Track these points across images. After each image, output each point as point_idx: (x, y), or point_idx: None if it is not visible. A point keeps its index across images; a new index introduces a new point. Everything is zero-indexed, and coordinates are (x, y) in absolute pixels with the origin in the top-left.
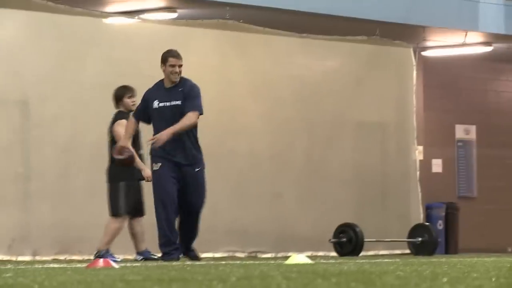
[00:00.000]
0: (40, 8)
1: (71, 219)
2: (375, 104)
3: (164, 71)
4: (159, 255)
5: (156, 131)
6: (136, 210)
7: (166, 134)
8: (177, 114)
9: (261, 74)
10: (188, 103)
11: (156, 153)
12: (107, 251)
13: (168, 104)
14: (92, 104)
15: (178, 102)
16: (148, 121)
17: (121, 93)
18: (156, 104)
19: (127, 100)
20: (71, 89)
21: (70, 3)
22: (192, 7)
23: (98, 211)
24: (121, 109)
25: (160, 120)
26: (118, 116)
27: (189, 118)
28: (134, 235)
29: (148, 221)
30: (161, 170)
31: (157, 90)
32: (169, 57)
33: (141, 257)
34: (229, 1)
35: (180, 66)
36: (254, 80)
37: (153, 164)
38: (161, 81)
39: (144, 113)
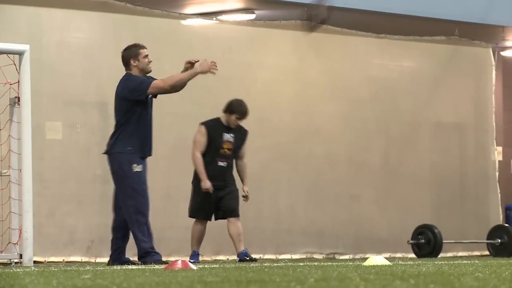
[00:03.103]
0: (118, 10)
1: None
2: (453, 105)
3: (136, 65)
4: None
5: (143, 126)
6: (205, 212)
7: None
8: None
9: (339, 75)
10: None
11: (134, 151)
12: (194, 252)
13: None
14: (169, 105)
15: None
16: None
17: (231, 109)
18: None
19: (232, 118)
20: None
21: (149, 5)
22: (270, 8)
23: (174, 212)
24: (220, 117)
25: (146, 114)
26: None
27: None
28: (230, 237)
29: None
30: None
31: None
32: (140, 49)
33: (238, 259)
34: (307, 2)
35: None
36: (332, 81)
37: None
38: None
39: None
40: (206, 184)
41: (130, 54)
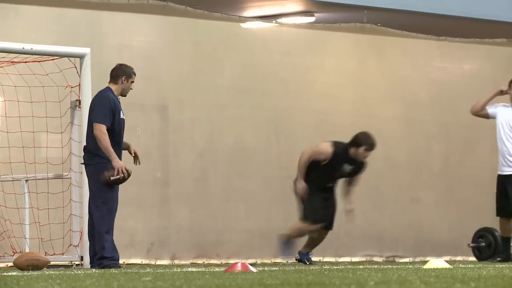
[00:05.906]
0: (178, 13)
1: (209, 223)
2: None
3: (122, 83)
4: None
5: (118, 143)
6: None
7: None
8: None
9: (399, 78)
10: None
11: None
12: (305, 253)
13: (124, 117)
14: (229, 108)
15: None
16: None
17: (358, 142)
18: (122, 115)
19: (360, 151)
20: (209, 93)
21: (208, 8)
22: (329, 11)
23: (235, 215)
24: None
25: (120, 132)
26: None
27: None
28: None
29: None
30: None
31: (117, 101)
32: (133, 73)
33: (298, 256)
34: (367, 4)
35: None
36: (392, 84)
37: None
38: (111, 91)
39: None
40: (301, 183)
41: (126, 71)
